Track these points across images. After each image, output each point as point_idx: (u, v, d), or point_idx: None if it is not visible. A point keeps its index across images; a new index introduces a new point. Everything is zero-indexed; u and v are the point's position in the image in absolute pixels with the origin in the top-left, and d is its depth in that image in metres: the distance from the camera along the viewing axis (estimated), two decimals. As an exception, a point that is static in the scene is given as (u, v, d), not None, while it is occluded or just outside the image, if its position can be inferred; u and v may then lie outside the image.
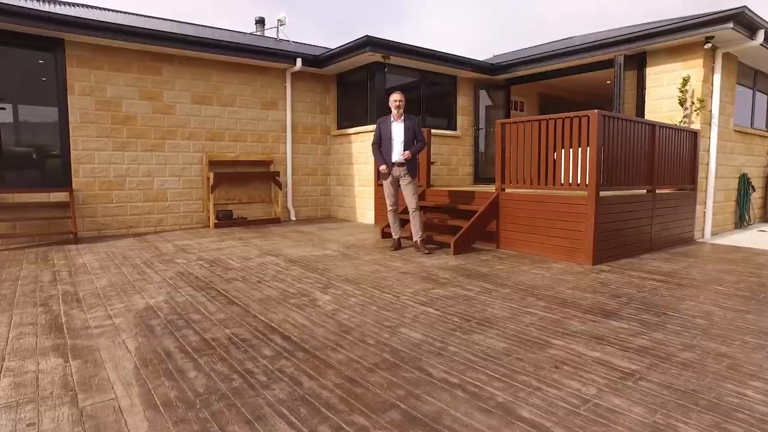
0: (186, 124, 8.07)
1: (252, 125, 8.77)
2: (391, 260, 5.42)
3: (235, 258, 5.53)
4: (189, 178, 8.17)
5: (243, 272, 4.79)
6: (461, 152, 9.90)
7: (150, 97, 7.69)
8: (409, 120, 5.94)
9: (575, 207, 5.33)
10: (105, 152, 7.36)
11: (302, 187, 9.50)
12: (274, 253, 5.81)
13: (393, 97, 5.92)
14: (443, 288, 4.20)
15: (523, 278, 4.59)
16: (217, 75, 8.32)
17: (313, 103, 9.53)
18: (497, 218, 6.18)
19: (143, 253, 5.86)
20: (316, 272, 4.80)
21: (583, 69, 8.55)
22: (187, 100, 8.06)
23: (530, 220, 5.80)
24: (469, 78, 9.82)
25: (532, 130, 5.75)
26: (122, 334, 3.02)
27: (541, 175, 5.72)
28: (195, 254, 5.76)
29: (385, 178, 6.03)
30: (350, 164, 9.21)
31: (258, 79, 8.77)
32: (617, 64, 7.31)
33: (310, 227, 8.23)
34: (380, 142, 6.03)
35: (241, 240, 6.82)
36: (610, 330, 3.12)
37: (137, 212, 7.69)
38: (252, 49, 8.16)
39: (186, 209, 8.16)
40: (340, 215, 9.65)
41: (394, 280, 4.50)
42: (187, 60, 7.97)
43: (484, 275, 4.70)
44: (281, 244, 6.45)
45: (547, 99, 12.12)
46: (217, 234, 7.45)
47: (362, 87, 8.81)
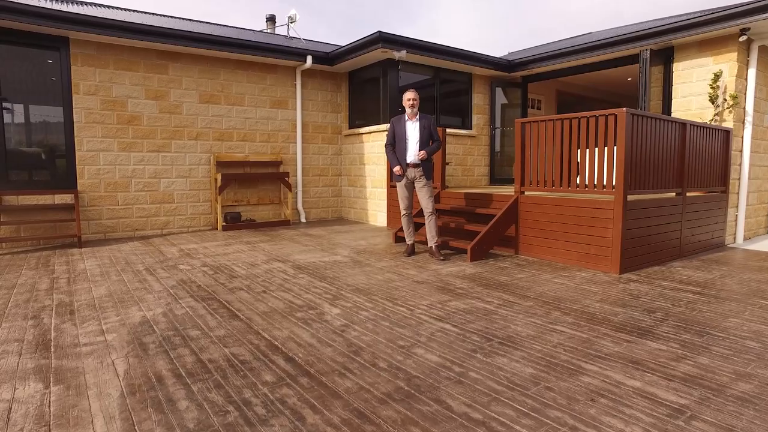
0: (193, 123, 7.87)
1: (261, 125, 8.55)
2: (404, 267, 5.14)
3: (241, 264, 5.29)
4: (196, 179, 7.97)
5: (248, 280, 4.55)
6: (476, 152, 9.58)
7: (156, 97, 7.50)
8: (424, 119, 5.65)
9: (600, 211, 4.99)
10: (110, 153, 7.18)
11: (313, 188, 9.26)
12: (281, 259, 5.56)
13: (407, 96, 5.63)
14: (461, 300, 3.90)
15: (545, 289, 4.27)
16: (225, 73, 8.10)
17: (324, 101, 9.27)
18: (516, 222, 5.86)
19: (147, 258, 5.65)
20: (325, 281, 4.54)
21: (605, 65, 8.17)
22: (195, 99, 7.85)
23: (551, 225, 5.47)
24: (484, 75, 9.49)
25: (554, 130, 5.42)
26: (113, 353, 2.78)
27: (563, 178, 5.39)
28: (200, 260, 5.53)
29: (399, 180, 5.75)
30: (362, 165, 8.94)
31: (267, 77, 8.53)
32: (642, 60, 6.93)
33: (321, 230, 7.98)
34: (394, 143, 5.75)
35: (248, 244, 6.59)
36: (648, 353, 2.80)
37: (143, 214, 7.50)
38: (261, 46, 7.92)
39: (193, 211, 7.96)
40: (351, 217, 9.40)
41: (408, 290, 4.22)
42: (194, 58, 7.76)
43: (504, 285, 4.40)
44: (290, 249, 6.21)
45: (565, 97, 11.74)
46: (224, 237, 7.23)
47: (375, 85, 8.53)
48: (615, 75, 10.43)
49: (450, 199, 7.00)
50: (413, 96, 5.61)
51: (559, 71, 8.92)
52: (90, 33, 6.60)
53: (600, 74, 9.86)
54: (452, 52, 8.26)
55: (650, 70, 6.92)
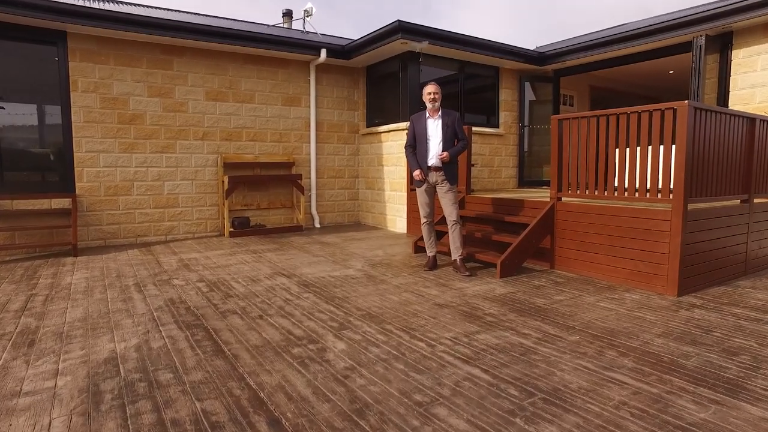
0: (199, 122, 7.38)
1: (272, 123, 8.01)
2: (424, 285, 4.51)
3: (241, 279, 4.74)
4: (203, 182, 7.47)
5: (245, 301, 3.98)
6: (504, 152, 8.86)
7: (160, 94, 7.03)
8: (448, 116, 5.00)
9: (654, 222, 4.27)
10: (111, 154, 6.74)
11: (327, 191, 8.69)
12: (287, 273, 4.99)
13: (427, 89, 5.00)
14: (491, 331, 3.25)
15: (592, 316, 3.59)
16: (234, 69, 7.59)
17: (340, 98, 8.69)
18: (552, 233, 5.16)
19: (141, 269, 5.15)
20: (332, 303, 3.94)
21: (648, 56, 7.38)
22: (201, 97, 7.36)
23: (594, 237, 4.76)
24: (512, 69, 8.76)
25: (598, 128, 4.71)
26: (56, 408, 2.23)
27: (608, 183, 4.68)
28: (197, 273, 5.00)
29: (419, 186, 5.11)
30: (380, 166, 8.33)
31: (279, 72, 7.99)
32: (696, 47, 6.13)
33: (335, 237, 7.40)
34: (414, 144, 5.12)
35: (254, 254, 6.05)
36: (751, 424, 2.11)
37: (146, 219, 7.04)
38: (271, 38, 7.38)
39: (199, 216, 7.48)
40: (368, 222, 8.79)
41: (429, 316, 3.58)
42: (200, 52, 7.27)
43: (542, 311, 3.72)
44: (298, 260, 5.63)
45: (598, 92, 10.90)
46: (230, 245, 6.70)
47: (394, 80, 7.91)
48: (654, 68, 9.57)
49: (475, 204, 6.33)
50: (434, 90, 4.97)
51: (595, 64, 8.14)
52: (89, 26, 6.15)
53: (638, 68, 9.03)
54: (478, 43, 7.58)
55: (705, 59, 6.12)
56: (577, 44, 7.83)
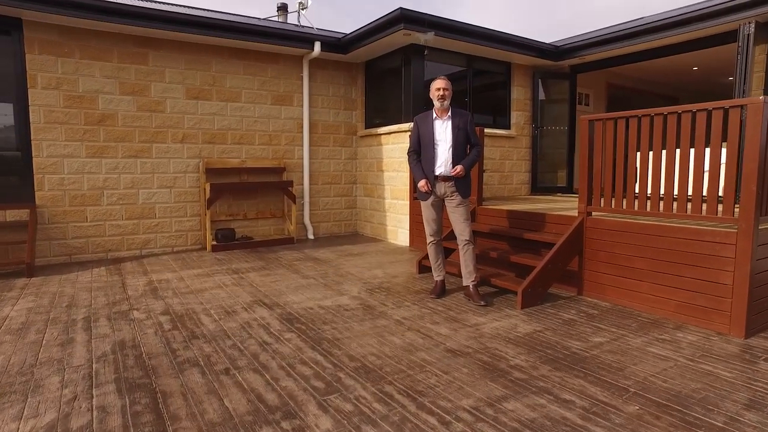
0: (179, 123, 6.62)
1: (261, 124, 7.25)
2: (432, 319, 3.75)
3: (214, 311, 3.98)
4: (183, 190, 6.72)
5: (212, 345, 3.22)
6: (516, 156, 8.10)
7: (133, 92, 6.27)
8: (459, 116, 4.25)
9: (714, 246, 3.50)
10: (77, 159, 5.98)
11: (322, 198, 7.92)
12: (269, 302, 4.23)
13: (435, 85, 4.24)
14: (522, 396, 2.49)
15: (646, 370, 2.83)
16: (218, 64, 6.83)
17: (336, 96, 7.93)
18: (581, 253, 4.40)
19: (100, 296, 4.40)
20: (320, 347, 3.18)
21: (674, 50, 6.62)
22: (181, 95, 6.60)
23: (632, 260, 4.00)
24: (525, 65, 8.00)
25: (640, 130, 3.95)
26: None
27: (651, 195, 3.91)
28: (164, 301, 4.24)
29: (424, 199, 4.35)
30: (380, 171, 7.57)
31: (268, 68, 7.23)
32: (743, 36, 5.37)
33: (329, 252, 6.64)
34: (419, 149, 4.36)
35: (235, 274, 5.29)
36: None
37: (118, 232, 6.29)
38: (259, 30, 6.62)
39: (179, 227, 6.72)
40: (367, 232, 8.03)
41: (440, 370, 2.82)
42: (179, 45, 6.51)
43: (581, 360, 2.96)
44: (284, 284, 4.87)
45: (616, 91, 10.14)
46: (210, 262, 5.95)
47: (395, 76, 7.15)
48: (677, 64, 8.82)
49: (488, 217, 5.57)
50: (444, 85, 4.21)
51: (616, 59, 7.38)
52: (48, 13, 5.39)
53: (659, 64, 8.30)
54: (489, 34, 6.81)
55: (754, 51, 5.35)
56: (598, 37, 7.06)
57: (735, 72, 5.45)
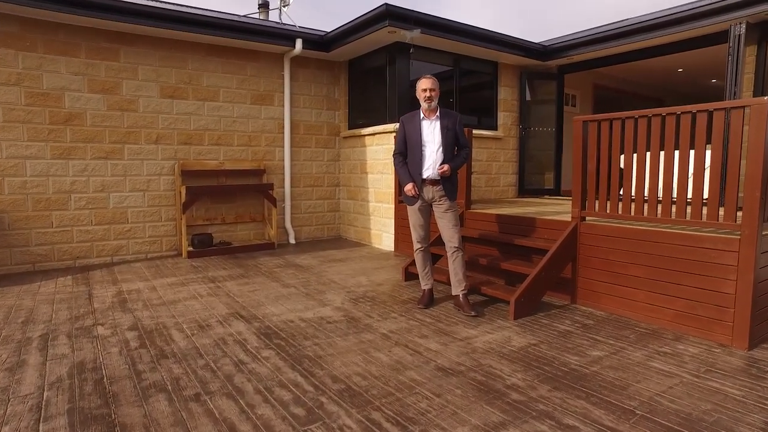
0: (152, 123, 6.28)
1: (240, 125, 6.95)
2: (421, 333, 3.52)
3: (186, 325, 3.69)
4: (157, 193, 6.38)
5: (183, 365, 2.95)
6: (503, 157, 7.93)
7: (104, 90, 5.92)
8: (448, 117, 4.03)
9: (715, 253, 3.35)
10: (41, 161, 5.62)
11: (304, 201, 7.65)
12: (247, 314, 3.96)
13: (422, 85, 4.02)
14: (521, 422, 2.28)
15: (651, 388, 2.64)
16: (194, 61, 6.51)
17: (319, 96, 7.67)
18: (574, 260, 4.22)
19: (62, 309, 4.07)
20: (300, 366, 2.93)
21: (664, 50, 6.52)
22: (154, 93, 6.27)
23: (629, 268, 3.83)
24: (512, 65, 7.84)
25: (636, 131, 3.78)
26: None
27: (649, 200, 3.75)
28: (133, 314, 3.94)
29: (411, 203, 4.13)
30: (364, 173, 7.33)
31: (247, 66, 6.94)
32: (734, 37, 5.26)
33: (311, 258, 6.37)
34: (405, 150, 4.14)
35: (211, 283, 4.99)
36: None
37: (87, 238, 5.93)
38: (237, 26, 6.33)
39: (153, 233, 6.38)
40: (351, 236, 7.78)
41: (431, 392, 2.60)
42: (152, 41, 6.18)
43: (581, 378, 2.76)
44: (263, 293, 4.60)
45: (603, 92, 10.07)
46: (186, 270, 5.63)
47: (380, 75, 6.92)
48: (663, 66, 8.80)
49: (477, 222, 5.37)
50: (431, 85, 3.99)
51: (604, 60, 7.26)
52: (7, 2, 5.03)
53: (645, 66, 8.24)
54: (477, 33, 6.63)
55: (745, 51, 5.25)
56: (587, 36, 6.93)
57: (726, 73, 5.35)
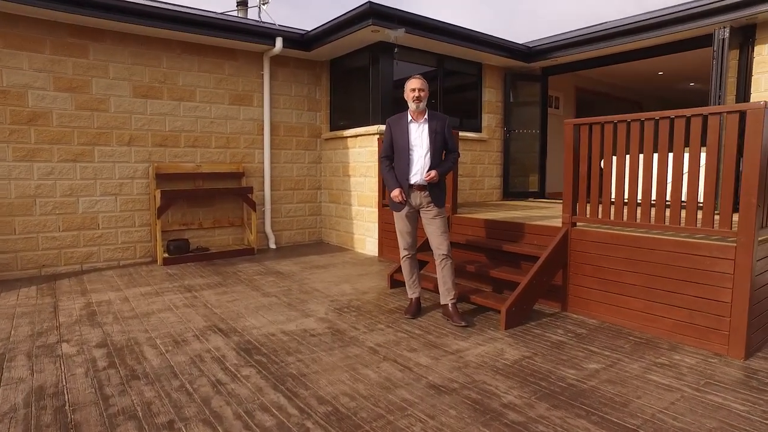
0: (125, 124, 5.99)
1: (217, 126, 6.70)
2: (409, 346, 3.36)
3: (160, 340, 3.46)
4: (130, 198, 6.09)
5: (155, 387, 2.72)
6: (487, 160, 7.84)
7: (71, 88, 5.61)
8: (437, 120, 3.88)
9: (710, 261, 3.27)
10: (3, 163, 5.28)
11: (285, 205, 7.42)
12: (225, 327, 3.74)
13: (410, 85, 3.86)
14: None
15: (652, 404, 2.53)
16: (169, 59, 6.24)
17: (299, 96, 7.45)
18: (565, 267, 4.12)
19: (23, 324, 3.79)
20: (283, 387, 2.74)
21: (649, 53, 6.51)
22: (127, 92, 5.97)
23: (622, 275, 3.74)
24: (497, 66, 7.75)
25: (629, 136, 3.69)
26: None
27: (642, 205, 3.66)
28: (103, 329, 3.69)
29: (397, 209, 3.97)
30: (346, 176, 7.14)
31: (225, 65, 6.69)
32: (718, 41, 5.25)
33: (292, 264, 6.16)
34: (392, 154, 3.98)
35: (188, 292, 4.75)
36: None
37: (54, 245, 5.61)
38: (214, 23, 6.08)
39: (126, 239, 6.08)
40: (333, 241, 7.58)
41: (424, 414, 2.44)
42: (124, 38, 5.89)
43: (579, 394, 2.64)
44: (243, 303, 4.38)
45: (585, 94, 10.09)
46: (161, 278, 5.37)
47: (363, 76, 6.74)
48: (644, 69, 8.84)
49: (464, 227, 5.24)
50: (420, 85, 3.84)
51: (589, 62, 7.23)
52: (-35, -3, 4.71)
53: (626, 69, 8.27)
54: (461, 33, 6.51)
55: (729, 55, 5.24)
56: (571, 38, 6.88)
57: (711, 77, 5.33)
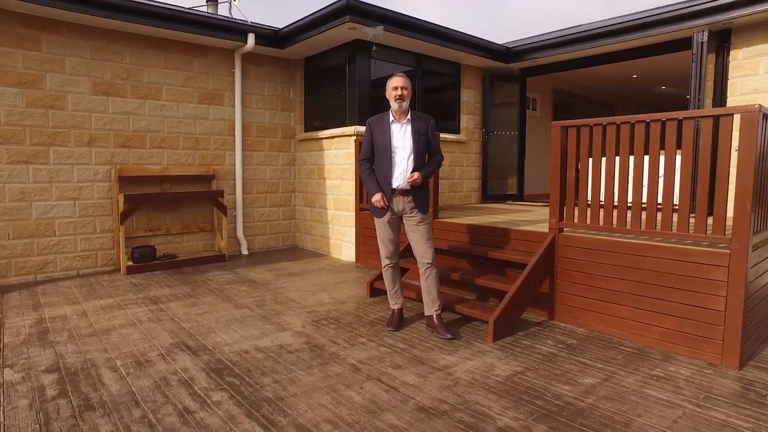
0: (84, 123, 5.59)
1: (186, 126, 6.35)
2: (394, 362, 3.15)
3: (121, 361, 3.14)
4: (91, 202, 5.69)
5: (113, 419, 2.43)
6: (466, 162, 7.71)
7: (21, 83, 5.19)
8: (420, 121, 3.69)
9: (703, 268, 3.17)
10: (-54, 166, 4.84)
11: (257, 209, 7.11)
12: (194, 344, 3.45)
13: (393, 83, 3.66)
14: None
15: (654, 421, 2.39)
16: (133, 54, 5.86)
17: (273, 96, 7.16)
18: (552, 274, 3.98)
19: (-34, 345, 3.41)
20: (258, 415, 2.49)
21: (629, 55, 6.49)
22: (86, 89, 5.58)
23: (611, 282, 3.63)
24: (475, 66, 7.63)
25: (619, 139, 3.58)
26: None
27: (632, 211, 3.55)
28: (54, 350, 3.34)
29: (379, 215, 3.75)
30: (322, 179, 6.89)
31: (194, 62, 6.34)
32: (697, 44, 5.23)
33: (266, 271, 5.87)
34: (372, 156, 3.76)
35: (154, 305, 4.42)
36: None
37: (3, 254, 5.17)
38: (180, 17, 5.73)
39: (87, 246, 5.68)
40: (308, 245, 7.31)
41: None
42: (82, 30, 5.50)
43: (578, 412, 2.48)
44: (213, 317, 4.08)
45: (561, 96, 10.10)
46: (124, 288, 5.00)
47: (339, 74, 6.50)
48: (619, 72, 8.89)
49: (446, 232, 5.07)
50: (403, 83, 3.64)
51: (568, 63, 7.17)
52: None
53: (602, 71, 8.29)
54: (441, 32, 6.34)
55: (707, 59, 5.22)
56: (550, 39, 6.80)
57: (690, 80, 5.31)
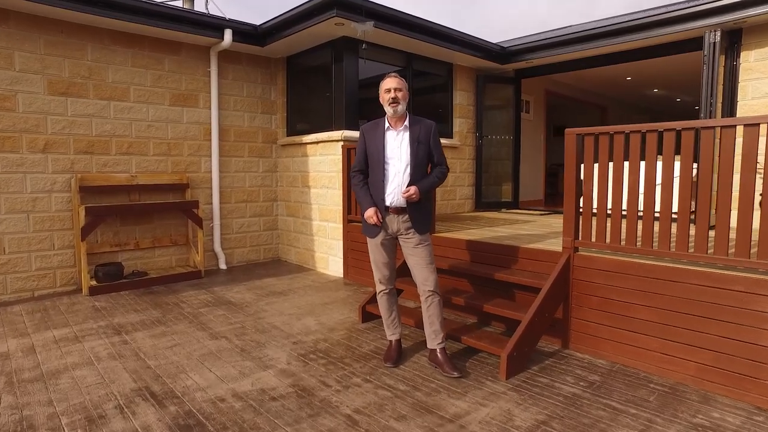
0: (39, 127, 5.01)
1: (157, 130, 5.79)
2: (396, 411, 2.69)
3: (67, 418, 2.62)
4: (47, 215, 5.10)
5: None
6: (459, 168, 7.30)
7: (-33, 83, 4.60)
8: (419, 126, 3.25)
9: (746, 297, 2.79)
10: None
11: (236, 219, 6.58)
12: (160, 390, 2.93)
13: (385, 85, 3.23)
14: None
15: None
16: (95, 51, 5.30)
17: (252, 97, 6.63)
18: (566, 298, 3.57)
19: None
20: (232, 496, 2.00)
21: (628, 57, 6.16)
22: (40, 89, 4.99)
23: (636, 310, 3.23)
24: (468, 67, 7.23)
25: (643, 148, 3.18)
26: None
27: (661, 231, 3.16)
28: (-11, 401, 2.80)
29: (372, 235, 3.29)
30: (306, 187, 6.39)
31: (165, 60, 5.79)
32: (709, 45, 4.90)
33: (246, 290, 5.35)
34: (366, 168, 3.30)
35: (117, 335, 3.87)
36: None
37: (-54, 276, 4.57)
38: (151, 10, 5.18)
39: (42, 264, 5.09)
40: (291, 258, 6.80)
41: None
42: (34, 21, 4.91)
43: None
44: (185, 350, 3.57)
45: (554, 99, 9.77)
46: (84, 314, 4.44)
47: (324, 75, 6.02)
48: (612, 74, 8.62)
49: (446, 249, 4.62)
50: (396, 84, 3.21)
51: (566, 64, 6.81)
52: None
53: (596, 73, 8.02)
54: (434, 30, 5.90)
55: (719, 60, 4.89)
56: (551, 39, 6.42)
57: (701, 82, 4.98)
